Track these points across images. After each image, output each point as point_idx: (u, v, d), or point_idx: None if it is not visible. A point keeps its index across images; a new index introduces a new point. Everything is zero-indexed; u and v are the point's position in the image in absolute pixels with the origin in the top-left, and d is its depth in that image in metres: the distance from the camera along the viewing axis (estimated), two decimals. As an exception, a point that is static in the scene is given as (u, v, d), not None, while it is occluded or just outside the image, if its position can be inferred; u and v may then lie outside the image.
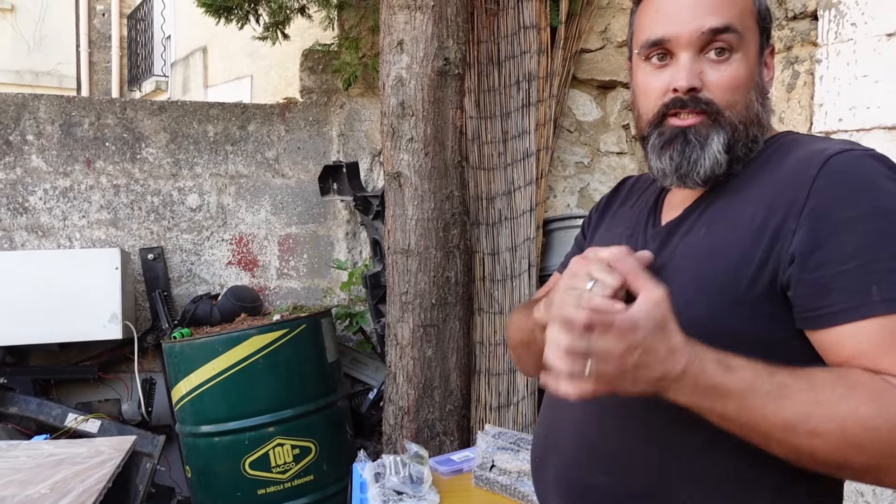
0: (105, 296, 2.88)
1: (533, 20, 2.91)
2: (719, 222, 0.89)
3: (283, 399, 2.66)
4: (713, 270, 0.85)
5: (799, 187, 0.81)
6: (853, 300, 0.77)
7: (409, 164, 2.51)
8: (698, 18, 0.88)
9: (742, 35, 0.89)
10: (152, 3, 9.11)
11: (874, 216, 0.77)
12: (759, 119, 0.92)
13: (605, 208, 1.16)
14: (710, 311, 0.84)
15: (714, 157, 0.90)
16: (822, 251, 0.78)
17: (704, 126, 0.90)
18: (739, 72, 0.89)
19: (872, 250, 0.77)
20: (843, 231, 0.78)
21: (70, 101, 3.26)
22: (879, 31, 2.07)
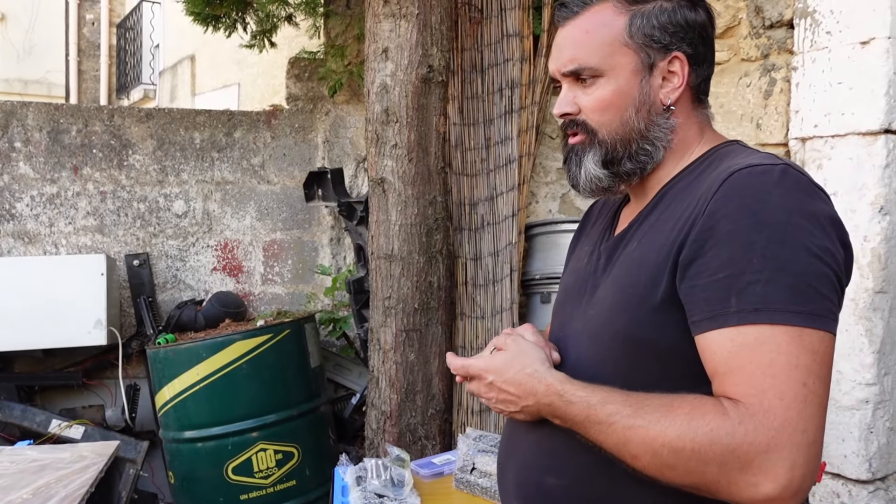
0: (90, 302, 2.88)
1: (516, 28, 2.95)
2: (649, 235, 0.94)
3: (266, 404, 2.67)
4: (635, 282, 0.91)
5: (703, 202, 0.86)
6: (713, 310, 0.81)
7: (392, 170, 2.53)
8: (558, 60, 1.00)
9: (598, 68, 0.96)
10: (141, 13, 9.13)
11: (750, 230, 0.80)
12: (644, 133, 0.97)
13: (581, 228, 1.22)
14: (631, 321, 0.90)
15: (589, 172, 0.99)
16: (700, 262, 0.83)
17: (583, 144, 0.99)
18: (605, 94, 0.97)
19: (740, 263, 0.80)
20: (720, 243, 0.82)
21: (58, 109, 3.27)
22: (853, 39, 2.11)
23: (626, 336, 0.90)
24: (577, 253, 1.16)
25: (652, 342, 0.88)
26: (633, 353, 0.90)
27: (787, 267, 0.79)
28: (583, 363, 0.96)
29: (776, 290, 0.78)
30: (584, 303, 1.01)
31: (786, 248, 0.79)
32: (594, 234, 1.12)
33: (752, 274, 0.79)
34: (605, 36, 0.97)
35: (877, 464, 2.01)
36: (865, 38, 2.07)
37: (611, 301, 0.94)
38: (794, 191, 0.83)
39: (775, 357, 0.77)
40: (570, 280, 1.11)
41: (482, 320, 2.81)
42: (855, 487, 2.04)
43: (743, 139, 2.47)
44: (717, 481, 0.78)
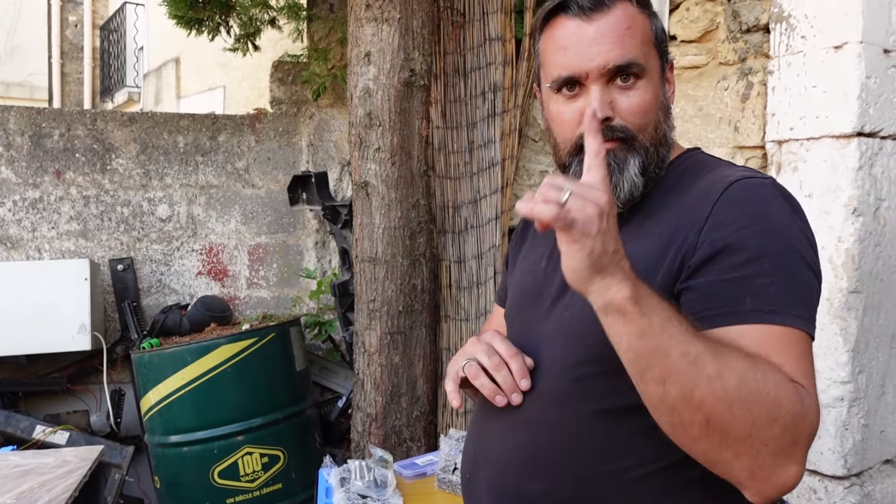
0: (74, 307, 2.87)
1: (498, 32, 2.97)
2: (630, 242, 0.90)
3: (252, 408, 2.67)
4: None
5: (702, 210, 0.88)
6: (729, 307, 0.83)
7: (376, 173, 2.55)
8: (603, 55, 0.92)
9: (645, 65, 0.94)
10: (125, 15, 9.08)
11: (762, 235, 0.85)
12: (667, 138, 0.97)
13: (523, 232, 1.20)
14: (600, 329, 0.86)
15: (632, 181, 0.94)
16: (714, 261, 0.85)
17: (621, 150, 0.94)
18: (646, 97, 0.94)
19: (755, 265, 0.83)
20: (733, 245, 0.85)
21: (40, 113, 3.26)
22: (827, 43, 2.15)
23: (602, 341, 0.85)
24: (527, 254, 1.13)
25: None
26: (608, 358, 0.86)
27: (792, 274, 0.84)
28: (560, 365, 0.94)
29: (788, 294, 0.83)
30: (553, 305, 0.99)
31: (790, 257, 0.84)
32: (548, 241, 1.06)
33: (764, 277, 0.83)
34: (643, 34, 0.95)
35: (852, 460, 2.05)
36: (838, 43, 2.11)
37: (583, 308, 0.89)
38: (785, 204, 0.89)
39: (798, 352, 0.82)
40: (527, 282, 1.08)
41: (466, 322, 2.83)
42: (831, 483, 2.08)
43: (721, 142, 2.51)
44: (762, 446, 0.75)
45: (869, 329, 2.07)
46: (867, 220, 2.08)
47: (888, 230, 2.14)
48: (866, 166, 2.09)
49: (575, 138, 0.95)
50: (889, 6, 2.14)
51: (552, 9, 0.97)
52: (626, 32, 0.93)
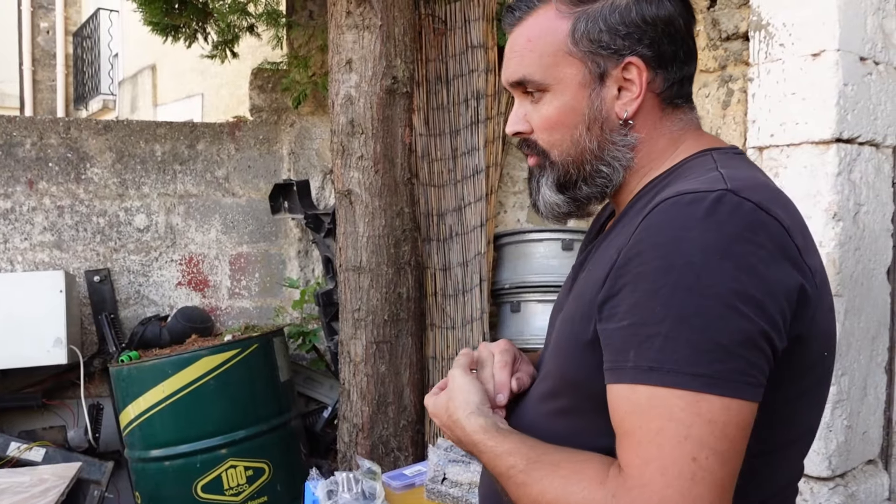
0: (49, 320, 2.81)
1: (480, 40, 2.97)
2: (595, 263, 0.84)
3: (235, 420, 2.63)
4: (573, 317, 0.82)
5: (626, 237, 0.76)
6: (615, 361, 0.72)
7: (359, 181, 2.53)
8: (505, 72, 0.89)
9: (542, 82, 0.85)
10: (99, 21, 8.96)
11: (657, 273, 0.70)
12: (598, 153, 0.86)
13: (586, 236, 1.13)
14: (566, 359, 0.82)
15: (546, 198, 0.89)
16: (611, 304, 0.74)
17: (539, 167, 0.90)
18: (550, 112, 0.86)
19: (643, 311, 0.70)
20: (628, 286, 0.72)
21: (11, 121, 3.19)
22: (805, 51, 2.17)
23: (564, 375, 0.83)
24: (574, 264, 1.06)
25: (584, 384, 0.79)
26: (571, 394, 0.82)
27: (692, 320, 0.67)
28: (534, 397, 0.90)
29: (674, 346, 0.68)
30: (555, 322, 0.95)
31: (692, 297, 0.68)
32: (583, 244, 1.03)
33: (652, 325, 0.69)
34: (547, 45, 0.85)
35: (836, 461, 2.07)
36: (816, 51, 2.13)
37: (556, 334, 0.88)
38: (723, 224, 0.70)
39: (665, 424, 0.67)
40: (559, 295, 1.01)
41: (452, 330, 2.82)
42: (816, 485, 2.10)
43: (703, 148, 2.53)
44: None
45: (851, 332, 2.10)
46: (847, 225, 2.10)
47: (867, 234, 2.17)
48: (845, 172, 2.12)
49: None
50: (865, 14, 2.18)
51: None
52: (526, 46, 0.86)
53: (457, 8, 3.01)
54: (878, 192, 2.20)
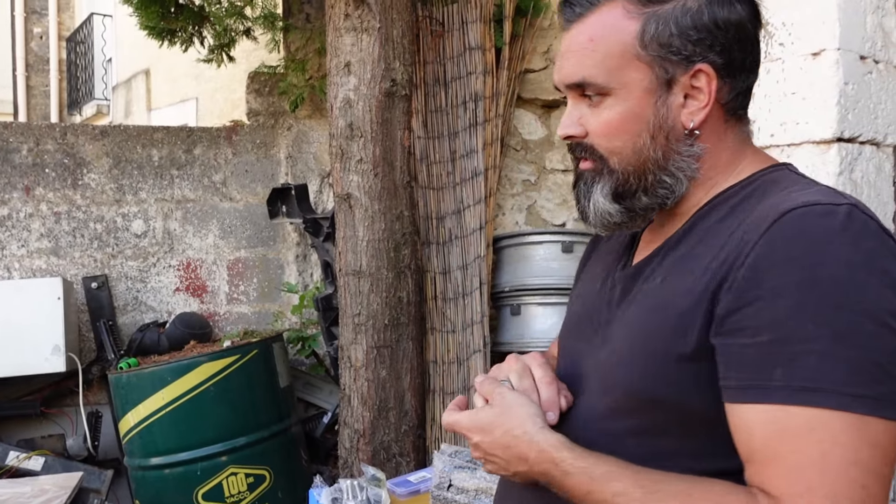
0: (47, 327, 2.78)
1: (478, 41, 2.97)
2: (676, 273, 0.79)
3: (235, 427, 2.61)
4: (656, 329, 0.77)
5: (746, 244, 0.72)
6: (753, 379, 0.68)
7: (358, 185, 2.52)
8: (561, 71, 0.84)
9: (604, 86, 0.80)
10: (92, 26, 8.92)
11: (801, 287, 0.66)
12: (662, 163, 0.82)
13: (595, 243, 1.05)
14: (649, 375, 0.76)
15: (599, 206, 0.84)
16: (739, 317, 0.69)
17: (593, 172, 0.84)
18: (612, 117, 0.81)
19: (787, 327, 0.66)
20: (763, 299, 0.68)
21: (7, 127, 3.17)
22: (805, 50, 2.17)
23: (641, 391, 0.77)
24: (589, 273, 1.00)
25: (673, 402, 0.75)
26: (651, 413, 0.77)
27: (848, 338, 0.64)
28: (593, 415, 0.82)
29: (833, 366, 0.64)
30: (597, 339, 0.87)
31: (844, 314, 0.65)
32: (609, 256, 0.96)
33: (802, 342, 0.65)
34: (612, 46, 0.80)
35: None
36: (816, 50, 2.13)
37: (626, 347, 0.80)
38: (860, 239, 0.67)
39: (829, 449, 0.63)
40: (580, 307, 0.96)
41: (453, 334, 2.81)
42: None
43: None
44: None
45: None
46: (849, 225, 2.10)
47: (869, 234, 2.17)
48: (846, 171, 2.12)
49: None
50: (864, 13, 2.17)
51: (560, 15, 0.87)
52: (588, 45, 0.81)
53: (454, 10, 3.00)
54: (880, 191, 2.20)
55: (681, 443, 0.75)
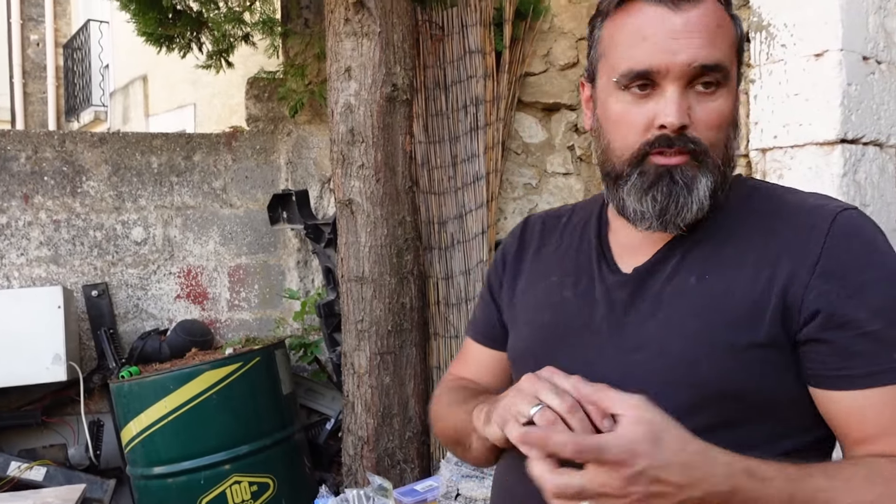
0: (47, 336, 2.77)
1: (478, 45, 2.95)
2: (714, 272, 0.81)
3: (238, 435, 2.60)
4: (719, 326, 0.78)
5: (810, 242, 0.78)
6: (875, 365, 0.74)
7: (360, 190, 2.51)
8: (690, 51, 0.79)
9: (729, 71, 0.81)
10: (89, 32, 8.91)
11: (890, 279, 0.76)
12: (734, 158, 0.85)
13: (518, 255, 1.00)
14: (719, 370, 0.77)
15: (700, 202, 0.81)
16: (845, 311, 0.75)
17: (690, 167, 0.81)
18: (724, 108, 0.81)
19: (892, 313, 0.75)
20: (863, 292, 0.75)
21: (5, 135, 3.15)
22: (808, 52, 2.16)
23: (710, 383, 0.77)
24: (530, 283, 0.96)
25: (747, 391, 0.77)
26: (720, 405, 0.77)
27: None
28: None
29: None
30: (608, 345, 0.84)
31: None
32: (560, 262, 0.94)
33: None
34: (731, 37, 0.82)
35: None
36: (819, 51, 2.12)
37: (681, 345, 0.79)
38: (882, 234, 0.82)
39: None
40: (546, 318, 0.91)
41: (456, 340, 2.79)
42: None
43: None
44: None
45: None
46: (854, 226, 2.09)
47: (874, 235, 2.16)
48: (850, 172, 2.11)
49: (639, 145, 0.82)
50: (867, 13, 2.17)
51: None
52: (718, 31, 0.80)
53: (454, 13, 2.99)
54: (883, 192, 2.19)
55: (760, 430, 0.77)
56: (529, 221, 1.04)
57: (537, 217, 1.05)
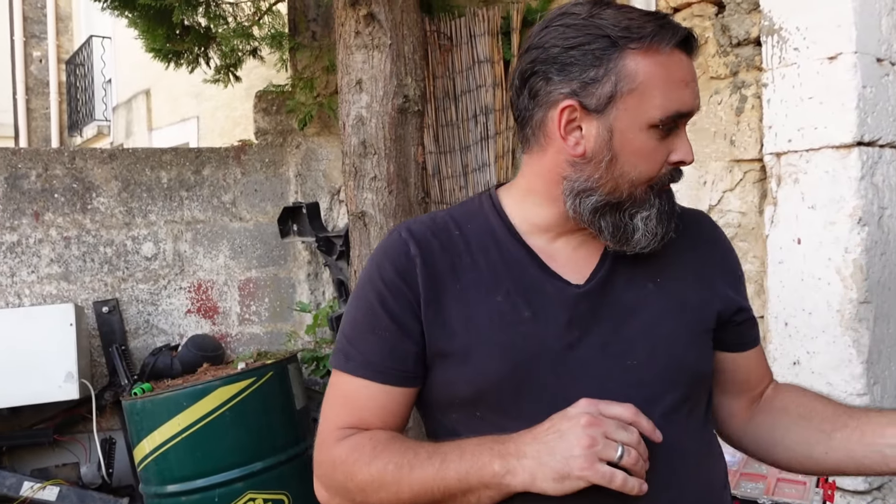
0: (59, 354, 2.75)
1: (486, 54, 2.95)
2: (665, 276, 0.94)
3: (252, 451, 2.58)
4: (689, 320, 0.93)
5: (714, 247, 1.02)
6: (756, 330, 1.03)
7: (373, 202, 2.50)
8: (698, 99, 0.90)
9: None
10: (91, 48, 8.94)
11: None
12: None
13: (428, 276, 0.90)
14: (696, 356, 0.94)
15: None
16: (741, 297, 1.02)
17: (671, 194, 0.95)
18: None
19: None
20: (743, 282, 1.05)
21: (15, 153, 3.15)
22: (821, 55, 2.15)
23: (691, 368, 0.93)
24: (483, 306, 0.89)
25: (705, 373, 0.97)
26: (695, 389, 0.94)
27: None
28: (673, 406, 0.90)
29: None
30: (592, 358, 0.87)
31: None
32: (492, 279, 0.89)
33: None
34: None
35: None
36: (832, 54, 2.11)
37: (665, 343, 0.91)
38: None
39: None
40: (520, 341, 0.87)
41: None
42: (854, 499, 2.05)
43: (717, 156, 2.51)
44: None
45: (881, 339, 2.06)
46: (872, 230, 2.07)
47: (892, 238, 2.14)
48: (868, 175, 2.09)
49: (657, 177, 0.89)
50: (880, 15, 2.16)
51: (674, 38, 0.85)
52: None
53: (462, 24, 2.99)
54: (903, 194, 2.17)
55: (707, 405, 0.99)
56: (416, 238, 0.92)
57: (421, 233, 0.93)
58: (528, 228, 0.93)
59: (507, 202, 0.95)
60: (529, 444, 0.77)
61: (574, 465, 0.74)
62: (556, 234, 0.93)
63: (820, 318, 2.10)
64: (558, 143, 0.88)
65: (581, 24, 0.85)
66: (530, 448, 0.77)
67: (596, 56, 0.85)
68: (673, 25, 0.86)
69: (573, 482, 0.75)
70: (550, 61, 0.86)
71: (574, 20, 0.86)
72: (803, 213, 2.13)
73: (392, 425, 0.93)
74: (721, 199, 2.43)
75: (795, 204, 2.15)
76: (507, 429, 0.82)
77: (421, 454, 0.83)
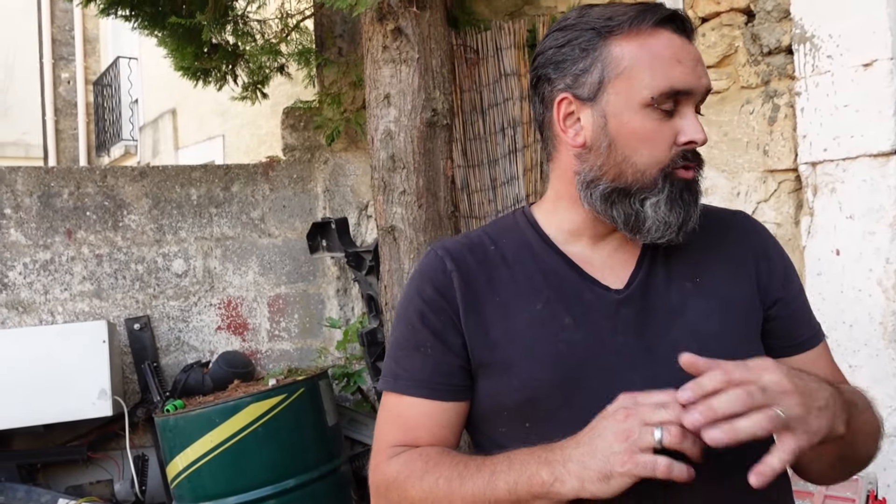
0: (93, 371, 2.78)
1: (513, 67, 2.95)
2: (705, 275, 0.92)
3: (284, 469, 2.57)
4: (736, 317, 0.90)
5: (750, 241, 0.97)
6: (811, 330, 0.97)
7: (402, 217, 2.49)
8: (705, 77, 0.88)
9: None
10: (118, 69, 9.11)
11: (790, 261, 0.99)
12: None
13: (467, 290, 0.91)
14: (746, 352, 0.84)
15: (698, 212, 0.90)
16: (786, 292, 0.96)
17: (699, 180, 0.90)
18: None
19: (801, 289, 0.98)
20: (788, 275, 0.97)
21: (48, 172, 3.20)
22: (856, 62, 2.12)
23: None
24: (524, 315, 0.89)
25: None
26: None
27: None
28: None
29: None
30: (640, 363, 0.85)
31: None
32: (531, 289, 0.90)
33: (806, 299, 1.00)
34: None
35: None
36: (868, 61, 2.08)
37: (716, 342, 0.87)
38: None
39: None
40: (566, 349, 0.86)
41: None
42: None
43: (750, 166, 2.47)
44: None
45: (927, 351, 2.01)
46: (915, 239, 2.02)
47: (935, 247, 2.09)
48: (908, 183, 2.05)
49: (669, 160, 0.86)
50: (916, 22, 2.12)
51: (653, 17, 0.86)
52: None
53: (488, 37, 3.00)
54: (945, 202, 2.12)
55: None
56: (452, 255, 0.93)
57: (457, 250, 0.94)
58: (563, 237, 0.94)
59: (539, 215, 0.96)
60: (573, 448, 0.75)
61: (615, 461, 0.71)
62: (590, 239, 0.93)
63: (862, 331, 2.06)
64: (563, 138, 0.91)
65: (571, 24, 0.89)
66: (574, 452, 0.75)
67: (583, 48, 0.88)
68: (655, 7, 0.87)
69: (618, 480, 0.71)
70: (548, 63, 0.91)
71: (566, 23, 0.90)
72: (841, 224, 2.09)
73: (444, 441, 0.92)
74: (755, 211, 2.40)
75: (833, 214, 2.11)
76: (556, 440, 0.79)
77: (471, 467, 0.83)
